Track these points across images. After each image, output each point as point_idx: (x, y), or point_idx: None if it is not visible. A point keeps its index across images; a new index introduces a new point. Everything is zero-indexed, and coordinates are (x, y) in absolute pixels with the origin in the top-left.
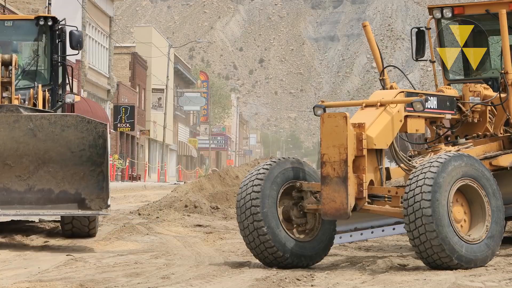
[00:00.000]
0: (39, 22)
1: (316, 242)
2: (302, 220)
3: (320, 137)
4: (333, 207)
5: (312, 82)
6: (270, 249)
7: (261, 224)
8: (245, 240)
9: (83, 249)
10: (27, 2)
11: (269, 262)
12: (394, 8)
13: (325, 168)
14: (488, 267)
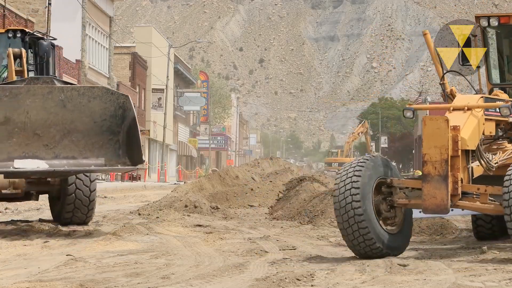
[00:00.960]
0: (9, 35)
1: (402, 234)
2: (391, 214)
3: (422, 138)
4: (433, 203)
5: (312, 82)
6: (368, 242)
7: (361, 218)
8: (343, 233)
9: (83, 249)
10: (27, 2)
11: (364, 253)
12: (394, 8)
13: (426, 167)
14: (488, 267)
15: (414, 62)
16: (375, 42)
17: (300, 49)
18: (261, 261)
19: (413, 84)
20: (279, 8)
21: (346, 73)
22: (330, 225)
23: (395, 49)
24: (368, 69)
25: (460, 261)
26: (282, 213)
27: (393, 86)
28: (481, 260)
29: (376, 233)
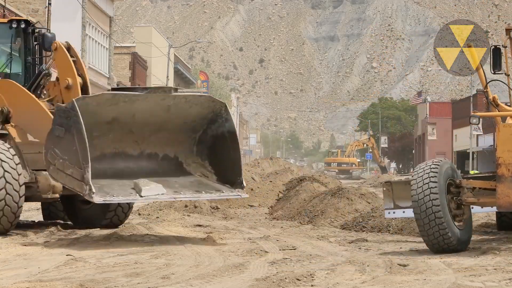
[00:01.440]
0: (12, 25)
1: (467, 230)
2: (459, 212)
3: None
4: (507, 201)
5: (312, 82)
6: (445, 237)
7: (440, 214)
8: (421, 229)
9: (83, 249)
10: (27, 2)
11: (440, 248)
12: (394, 8)
13: (500, 169)
14: (488, 267)
15: (414, 62)
16: (375, 42)
17: (300, 49)
18: (261, 261)
19: (413, 84)
20: (279, 8)
21: (346, 73)
22: (330, 225)
23: (395, 49)
24: (368, 69)
25: (460, 261)
26: (282, 213)
27: (393, 86)
28: (481, 260)
29: (451, 230)
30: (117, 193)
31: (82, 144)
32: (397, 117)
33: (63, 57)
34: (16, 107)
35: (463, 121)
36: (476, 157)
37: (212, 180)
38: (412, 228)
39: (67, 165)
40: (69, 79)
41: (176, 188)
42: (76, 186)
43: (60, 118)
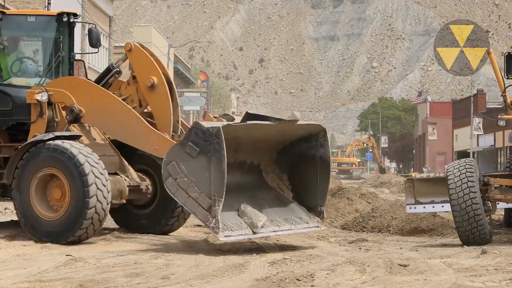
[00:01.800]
0: (63, 18)
1: (492, 224)
2: (487, 207)
3: None
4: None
5: (312, 82)
6: (482, 233)
7: (478, 212)
8: (459, 224)
9: (82, 249)
10: (27, 2)
11: (475, 241)
12: (395, 7)
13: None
14: (488, 267)
15: (414, 62)
16: (376, 41)
17: (300, 49)
18: (261, 261)
19: (413, 84)
20: (279, 8)
21: (346, 73)
22: (330, 225)
23: (395, 48)
24: (368, 69)
25: (460, 261)
26: None
27: (393, 86)
28: (482, 260)
29: (485, 224)
30: (233, 227)
31: (220, 176)
32: (397, 117)
33: (142, 56)
34: (89, 106)
35: (464, 121)
36: (477, 157)
37: (288, 196)
38: (412, 228)
39: (192, 188)
40: (154, 78)
41: (268, 213)
42: (198, 213)
43: (197, 137)
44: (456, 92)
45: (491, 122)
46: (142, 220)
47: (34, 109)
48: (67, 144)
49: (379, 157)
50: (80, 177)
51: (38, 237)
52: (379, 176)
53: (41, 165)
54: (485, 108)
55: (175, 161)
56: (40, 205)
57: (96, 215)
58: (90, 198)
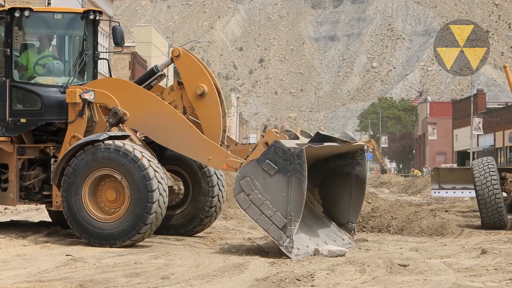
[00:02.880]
0: (89, 16)
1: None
2: (504, 198)
3: None
4: None
5: (312, 82)
6: (502, 219)
7: (499, 201)
8: (484, 211)
9: (82, 249)
10: (26, 2)
11: (496, 226)
12: (395, 7)
13: None
14: (488, 267)
15: (414, 62)
16: (376, 41)
17: (300, 49)
18: (261, 261)
19: (413, 84)
20: (279, 8)
21: (346, 73)
22: None
23: (395, 48)
24: (368, 68)
25: (460, 261)
26: None
27: (393, 86)
28: (482, 260)
29: (505, 212)
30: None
31: (299, 197)
32: (397, 117)
33: (191, 62)
34: (134, 109)
35: (464, 121)
36: (477, 157)
37: (318, 209)
38: (412, 228)
39: (267, 206)
40: (204, 86)
41: (312, 229)
42: (271, 231)
43: (276, 155)
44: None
45: (491, 122)
46: (173, 220)
47: (73, 109)
48: (130, 147)
49: (380, 158)
50: (143, 181)
51: (87, 239)
52: (379, 176)
53: (98, 165)
54: (485, 108)
55: (249, 177)
56: (92, 206)
57: (155, 220)
58: (153, 203)
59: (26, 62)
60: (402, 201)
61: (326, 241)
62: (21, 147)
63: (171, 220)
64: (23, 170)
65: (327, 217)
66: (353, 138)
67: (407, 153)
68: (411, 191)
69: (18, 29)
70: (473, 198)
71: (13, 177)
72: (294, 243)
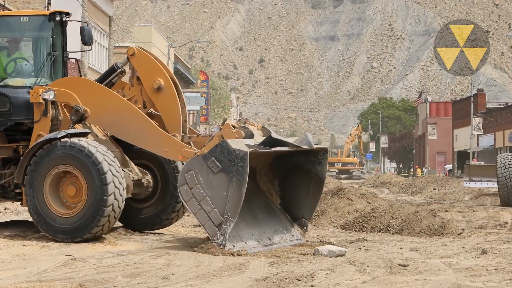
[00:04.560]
0: (55, 17)
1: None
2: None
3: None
4: None
5: (312, 82)
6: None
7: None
8: (503, 198)
9: (82, 249)
10: (26, 2)
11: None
12: (395, 7)
13: None
14: (488, 267)
15: (414, 62)
16: (375, 41)
17: (300, 49)
18: (261, 261)
19: (413, 84)
20: (279, 8)
21: (346, 73)
22: (330, 225)
23: (395, 48)
24: (368, 69)
25: (460, 261)
26: None
27: (393, 86)
28: (482, 260)
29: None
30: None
31: (237, 198)
32: (397, 117)
33: (146, 59)
34: (95, 106)
35: (464, 121)
36: (477, 157)
37: (276, 201)
38: (412, 228)
39: (207, 201)
40: (160, 80)
41: (260, 222)
42: (207, 226)
43: (222, 155)
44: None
45: (491, 122)
46: (142, 214)
47: (38, 109)
48: (84, 142)
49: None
50: (98, 175)
51: (52, 234)
52: (379, 176)
53: (56, 162)
54: (485, 108)
55: (194, 171)
56: (54, 202)
57: (113, 213)
58: (108, 196)
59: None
60: (402, 201)
61: (270, 236)
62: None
63: (142, 213)
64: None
65: (283, 209)
66: (310, 143)
67: (407, 153)
68: (411, 191)
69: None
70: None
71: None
72: (227, 242)
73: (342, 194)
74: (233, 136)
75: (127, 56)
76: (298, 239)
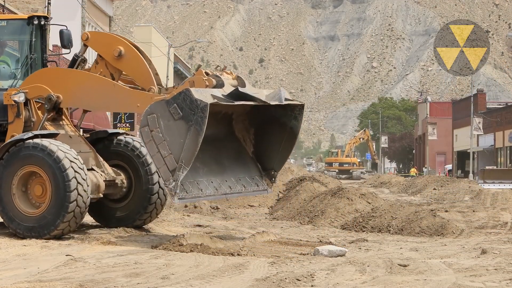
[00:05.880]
0: (33, 21)
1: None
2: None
3: None
4: None
5: (312, 82)
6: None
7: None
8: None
9: (82, 249)
10: (26, 2)
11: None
12: (395, 7)
13: None
14: (488, 267)
15: (414, 62)
16: (376, 42)
17: (300, 49)
18: (261, 261)
19: (413, 84)
20: (279, 8)
21: (346, 73)
22: (330, 225)
23: (395, 49)
24: (368, 69)
25: (460, 262)
26: (282, 213)
27: (393, 86)
28: (482, 260)
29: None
30: (190, 189)
31: (193, 147)
32: (398, 117)
33: (100, 36)
34: (65, 90)
35: (464, 121)
36: (477, 157)
37: (248, 150)
38: (412, 228)
39: (164, 146)
40: (120, 47)
41: (225, 169)
42: (161, 171)
43: (184, 103)
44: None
45: (491, 122)
46: (117, 213)
47: (11, 110)
48: (46, 142)
49: (373, 151)
50: (60, 172)
51: (21, 233)
52: (379, 176)
53: (22, 163)
54: (485, 108)
55: (156, 115)
56: (22, 203)
57: (78, 208)
58: (71, 192)
59: None
60: (402, 201)
61: (231, 185)
62: None
63: (117, 212)
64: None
65: (256, 159)
66: (281, 99)
67: (407, 153)
68: (411, 191)
69: None
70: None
71: None
72: (178, 188)
73: (342, 194)
74: (203, 83)
75: (83, 43)
76: (264, 190)
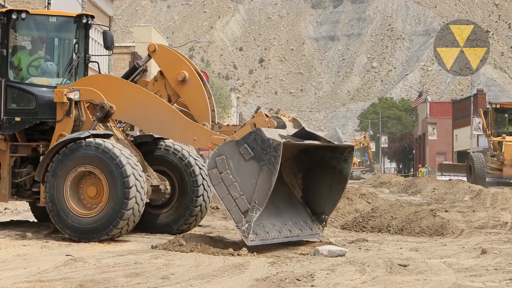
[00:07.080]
0: (82, 20)
1: None
2: None
3: None
4: None
5: (312, 82)
6: None
7: None
8: None
9: (82, 249)
10: (27, 2)
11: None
12: (395, 7)
13: None
14: (488, 267)
15: (414, 62)
16: (375, 42)
17: (300, 49)
18: (261, 261)
19: (413, 84)
20: (279, 8)
21: (346, 73)
22: (330, 225)
23: (395, 49)
24: (368, 69)
25: (460, 261)
26: None
27: (393, 86)
28: (482, 260)
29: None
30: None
31: (266, 187)
32: (398, 117)
33: (167, 53)
34: (120, 102)
35: (464, 121)
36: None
37: (297, 194)
38: (412, 228)
39: (235, 187)
40: (185, 72)
41: (281, 213)
42: (233, 212)
43: (255, 142)
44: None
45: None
46: (159, 220)
47: (61, 108)
48: (109, 144)
49: (371, 158)
50: (121, 178)
51: (68, 233)
52: (379, 176)
53: (79, 161)
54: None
55: (225, 156)
56: (73, 201)
57: (132, 216)
58: (129, 199)
59: (18, 62)
60: (402, 201)
61: (291, 229)
62: (14, 145)
63: (158, 219)
64: (15, 167)
65: (304, 203)
66: (340, 139)
67: (407, 153)
68: (411, 191)
69: (14, 31)
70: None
71: (6, 174)
72: (252, 230)
73: (342, 194)
74: (266, 125)
75: (148, 53)
76: (317, 234)
